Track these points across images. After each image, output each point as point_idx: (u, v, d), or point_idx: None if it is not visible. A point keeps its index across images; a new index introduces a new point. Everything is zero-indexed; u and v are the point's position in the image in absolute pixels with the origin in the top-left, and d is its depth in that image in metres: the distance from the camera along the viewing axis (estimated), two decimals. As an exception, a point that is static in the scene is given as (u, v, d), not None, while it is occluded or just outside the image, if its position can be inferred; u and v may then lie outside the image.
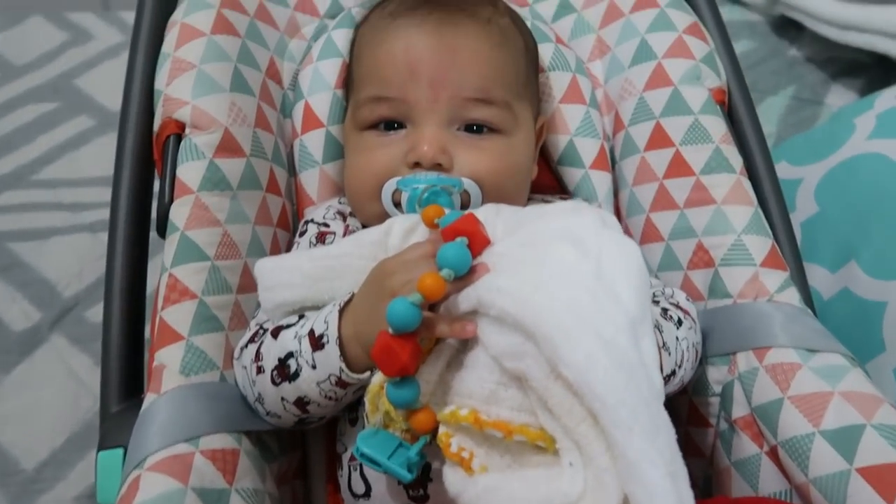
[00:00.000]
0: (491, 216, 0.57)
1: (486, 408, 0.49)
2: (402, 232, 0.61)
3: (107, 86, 1.37)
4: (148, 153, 0.74)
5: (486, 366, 0.50)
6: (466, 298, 0.50)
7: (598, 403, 0.45)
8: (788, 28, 1.39)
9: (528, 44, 0.77)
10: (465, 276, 0.50)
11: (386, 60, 0.69)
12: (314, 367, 0.57)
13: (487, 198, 0.68)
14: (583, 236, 0.51)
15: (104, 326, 0.67)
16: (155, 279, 0.67)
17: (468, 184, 0.67)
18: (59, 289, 1.14)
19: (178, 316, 0.64)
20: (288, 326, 0.60)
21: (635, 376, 0.46)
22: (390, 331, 0.48)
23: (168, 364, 0.62)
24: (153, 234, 0.73)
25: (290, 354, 0.58)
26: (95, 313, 1.11)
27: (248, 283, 0.69)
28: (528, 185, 0.75)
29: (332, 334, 0.56)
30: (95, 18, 1.54)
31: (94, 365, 1.04)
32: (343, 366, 0.56)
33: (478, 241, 0.52)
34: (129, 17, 0.79)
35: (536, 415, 0.49)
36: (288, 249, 0.78)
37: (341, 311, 0.57)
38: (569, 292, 0.47)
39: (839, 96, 1.29)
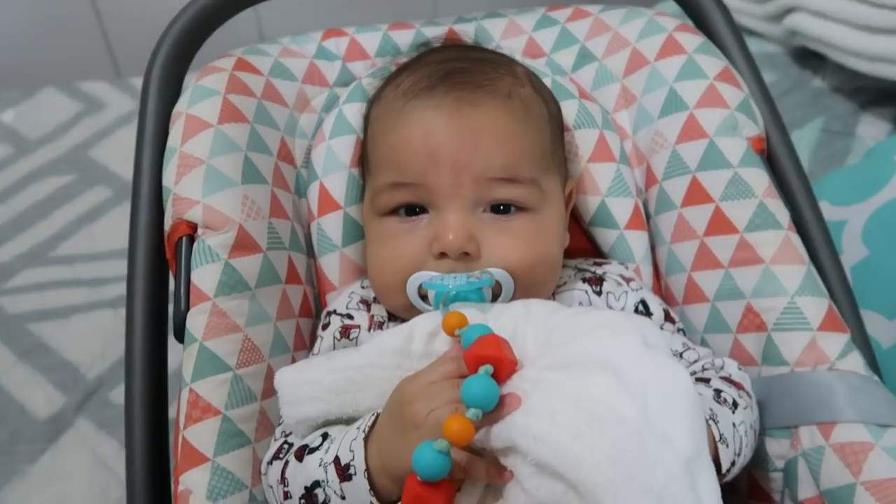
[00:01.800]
0: (521, 321, 0.53)
1: None
2: (426, 336, 0.57)
3: (121, 154, 1.35)
4: (161, 252, 0.71)
5: None
6: (498, 437, 0.46)
7: None
8: (809, 58, 1.33)
9: (551, 110, 0.72)
10: (494, 410, 0.47)
11: (403, 147, 0.65)
12: (343, 497, 0.54)
13: (519, 285, 0.64)
14: (624, 366, 0.46)
15: (127, 448, 0.64)
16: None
17: (499, 274, 0.63)
18: (82, 371, 1.12)
19: (201, 435, 0.60)
20: (312, 450, 0.56)
21: None
22: (419, 477, 0.44)
23: (194, 490, 0.59)
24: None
25: (317, 483, 0.54)
26: (120, 394, 1.06)
27: (272, 387, 0.65)
28: (560, 263, 0.71)
29: (360, 466, 0.53)
30: (107, 87, 1.54)
31: (122, 449, 1.01)
32: (374, 499, 0.52)
33: (505, 367, 0.48)
34: (141, 83, 0.76)
35: None
36: (312, 339, 0.75)
37: (366, 438, 0.53)
38: (612, 439, 0.43)
39: (871, 126, 1.22)
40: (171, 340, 0.70)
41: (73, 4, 1.74)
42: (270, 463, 0.60)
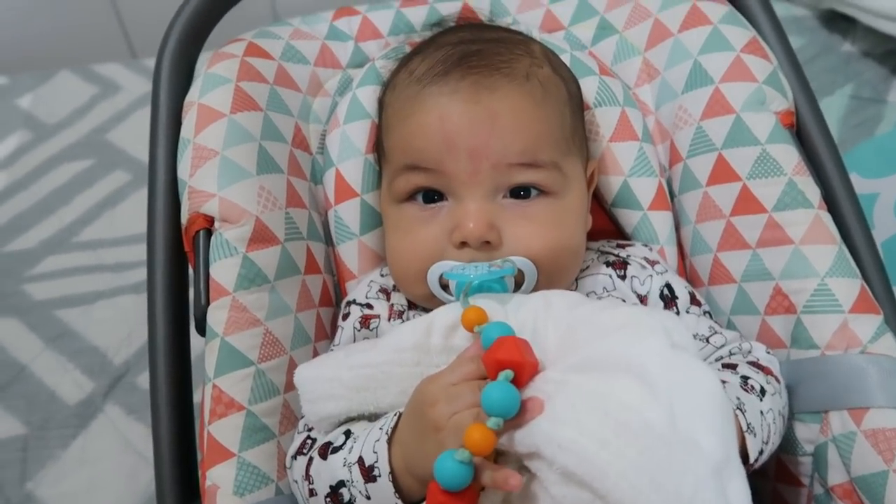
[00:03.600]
0: (541, 315, 0.52)
1: None
2: (445, 329, 0.56)
3: (139, 137, 1.33)
4: (179, 245, 0.70)
5: None
6: (522, 443, 0.46)
7: None
8: (838, 21, 1.27)
9: (570, 90, 0.70)
10: (517, 416, 0.46)
11: (419, 133, 0.63)
12: (368, 497, 0.54)
13: (543, 272, 0.63)
14: (650, 369, 0.44)
15: (154, 437, 0.65)
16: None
17: (521, 263, 0.62)
18: (109, 356, 1.13)
19: (226, 431, 0.61)
20: (336, 449, 0.56)
21: None
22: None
23: (221, 485, 0.59)
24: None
25: (342, 483, 0.55)
26: (147, 379, 1.09)
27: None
28: (583, 248, 0.69)
29: (384, 468, 0.52)
30: (122, 69, 1.54)
31: (151, 435, 1.03)
32: (399, 501, 0.52)
33: (526, 371, 0.47)
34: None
35: None
36: (333, 328, 0.74)
37: (389, 439, 0.53)
38: (639, 447, 0.42)
39: None
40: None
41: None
42: (295, 458, 0.60)
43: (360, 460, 0.54)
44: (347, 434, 0.57)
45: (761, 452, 0.59)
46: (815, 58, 1.25)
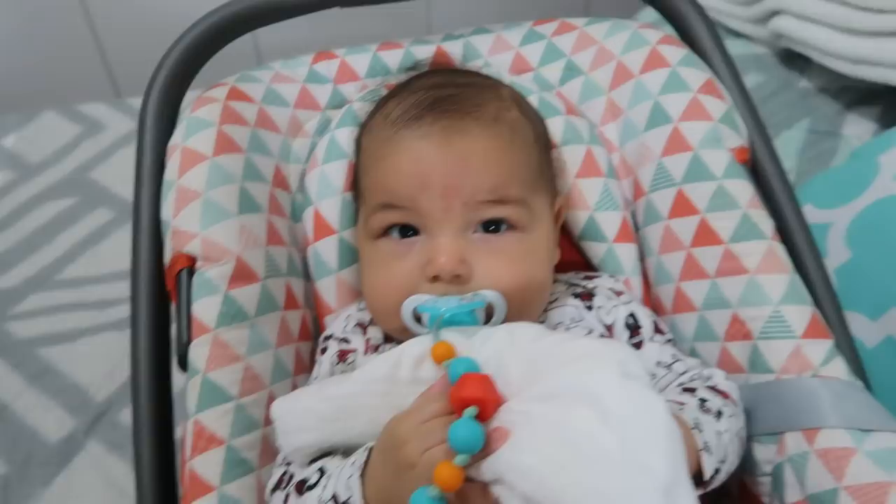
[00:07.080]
0: (505, 349, 0.55)
1: None
2: (413, 362, 0.59)
3: (122, 176, 1.36)
4: (162, 283, 0.72)
5: None
6: (488, 470, 0.49)
7: None
8: (796, 59, 1.33)
9: (537, 130, 0.74)
10: (483, 448, 0.49)
11: (394, 173, 0.67)
12: None
13: (512, 305, 0.66)
14: (604, 397, 0.48)
15: (136, 474, 0.67)
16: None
17: (491, 296, 0.65)
18: (90, 392, 1.14)
19: (207, 466, 0.63)
20: (311, 487, 0.58)
21: None
22: None
23: (202, 519, 0.61)
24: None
25: None
26: (129, 415, 1.09)
27: (274, 413, 0.67)
28: (550, 282, 0.72)
29: (358, 503, 0.55)
30: (106, 108, 1.56)
31: (133, 471, 1.04)
32: None
33: (490, 406, 0.51)
34: (140, 103, 0.77)
35: None
36: (312, 362, 0.77)
37: (362, 475, 0.55)
38: (593, 471, 0.45)
39: (856, 126, 1.23)
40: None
41: (69, 26, 1.76)
42: (273, 492, 0.62)
43: (335, 497, 0.56)
44: (322, 471, 0.59)
45: (717, 471, 0.61)
46: (774, 93, 1.30)
